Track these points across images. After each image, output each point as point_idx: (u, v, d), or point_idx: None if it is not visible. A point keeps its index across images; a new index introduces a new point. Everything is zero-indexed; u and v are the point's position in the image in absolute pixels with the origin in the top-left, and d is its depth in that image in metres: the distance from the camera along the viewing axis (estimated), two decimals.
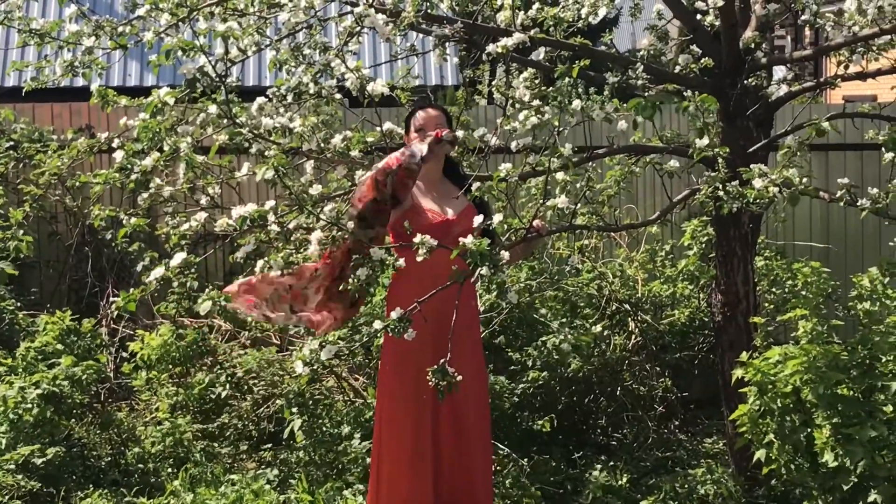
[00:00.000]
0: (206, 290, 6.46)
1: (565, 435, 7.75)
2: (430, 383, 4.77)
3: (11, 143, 8.98)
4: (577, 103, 5.81)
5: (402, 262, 5.00)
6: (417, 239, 4.88)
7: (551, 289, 8.19)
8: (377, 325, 4.90)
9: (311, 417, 7.32)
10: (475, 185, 5.47)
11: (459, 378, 4.80)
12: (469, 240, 4.77)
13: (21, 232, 6.08)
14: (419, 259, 4.90)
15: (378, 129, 6.23)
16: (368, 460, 6.60)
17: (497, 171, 5.27)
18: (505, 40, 5.57)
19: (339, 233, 5.43)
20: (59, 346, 7.40)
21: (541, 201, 5.57)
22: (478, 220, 4.99)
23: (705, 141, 5.63)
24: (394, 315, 4.79)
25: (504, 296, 5.19)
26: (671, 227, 9.50)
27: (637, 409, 8.03)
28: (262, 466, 7.41)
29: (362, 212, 5.64)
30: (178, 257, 5.48)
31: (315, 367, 4.88)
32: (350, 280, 5.01)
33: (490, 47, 5.62)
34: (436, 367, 4.73)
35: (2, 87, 15.29)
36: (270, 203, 5.53)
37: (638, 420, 7.99)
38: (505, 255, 4.83)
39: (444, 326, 5.27)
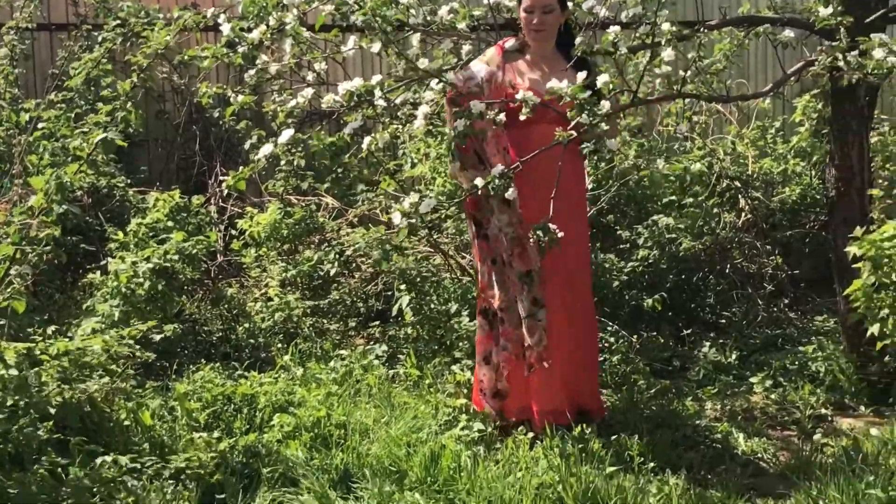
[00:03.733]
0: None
1: (674, 313, 7.72)
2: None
3: (118, 21, 9.00)
4: None
5: (502, 116, 4.96)
6: (520, 95, 4.84)
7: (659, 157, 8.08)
8: (479, 181, 4.89)
9: (419, 295, 7.34)
10: (577, 40, 5.39)
11: (561, 234, 4.81)
12: (563, 84, 4.75)
13: (129, 104, 6.09)
14: (522, 118, 4.88)
15: (486, 2, 6.12)
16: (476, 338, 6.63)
17: (605, 34, 5.16)
18: None
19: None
20: (170, 223, 7.48)
21: (645, 64, 5.46)
22: (581, 76, 4.89)
23: (829, 10, 5.46)
24: (495, 171, 4.81)
25: (602, 146, 5.08)
26: (782, 102, 9.33)
27: (746, 288, 7.94)
28: (371, 342, 7.48)
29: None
30: (286, 134, 5.47)
31: (413, 221, 4.89)
32: (449, 132, 5.01)
33: None
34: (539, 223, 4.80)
35: None
36: (377, 78, 5.49)
37: (747, 298, 7.91)
38: (605, 104, 4.76)
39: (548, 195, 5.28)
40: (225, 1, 6.28)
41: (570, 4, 5.86)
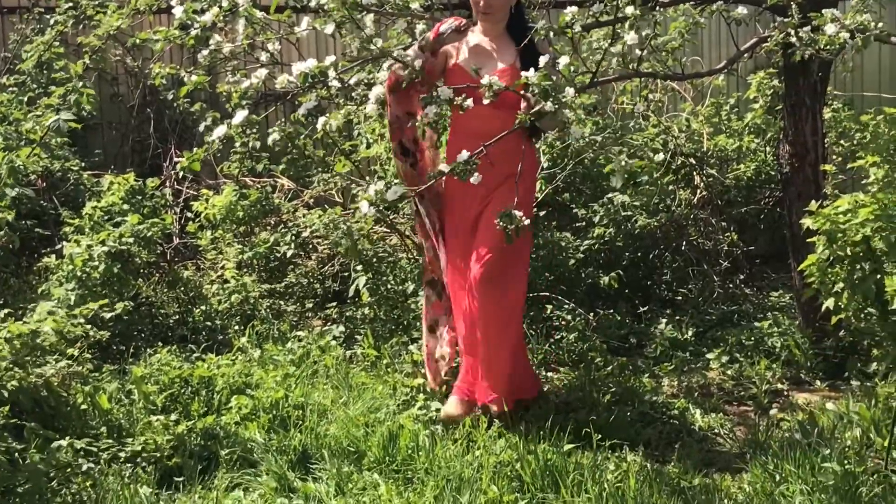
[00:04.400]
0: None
1: (631, 290, 7.75)
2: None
3: (71, 3, 8.92)
4: None
5: (469, 102, 4.87)
6: (485, 80, 4.81)
7: (616, 144, 8.09)
8: (443, 167, 4.88)
9: (376, 275, 7.33)
10: (540, 23, 5.35)
11: (527, 221, 4.80)
12: (531, 73, 4.72)
13: (81, 84, 6.03)
14: (485, 102, 4.85)
15: None
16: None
17: (562, 14, 5.14)
18: None
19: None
20: (125, 207, 7.43)
21: (604, 46, 5.46)
22: (543, 59, 4.85)
23: None
24: (461, 157, 4.76)
25: (567, 134, 5.05)
26: (737, 80, 9.37)
27: (702, 264, 7.99)
28: (328, 323, 7.47)
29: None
30: (240, 115, 5.42)
31: (380, 207, 4.84)
32: (419, 118, 4.98)
33: None
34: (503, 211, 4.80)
35: None
36: (331, 58, 5.46)
37: (703, 275, 7.95)
38: (570, 90, 4.74)
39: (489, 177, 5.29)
40: None
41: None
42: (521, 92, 5.00)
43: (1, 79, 8.33)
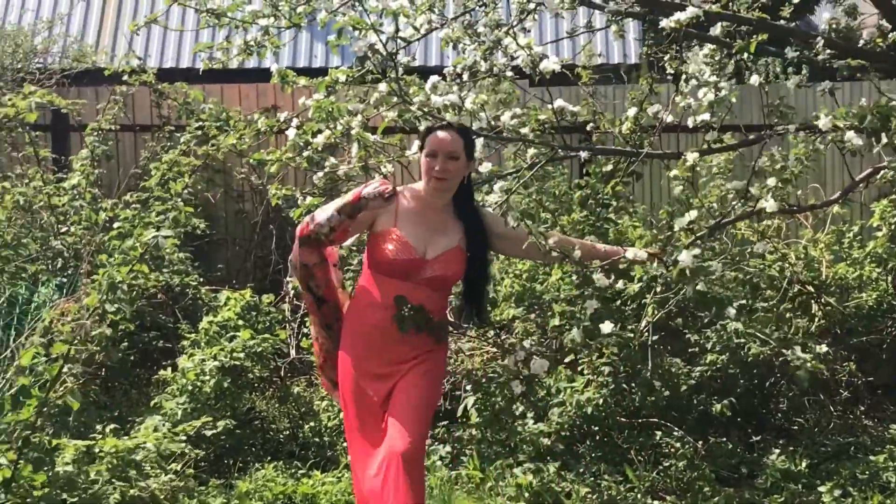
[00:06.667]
0: None
1: (744, 418, 7.61)
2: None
3: (200, 122, 9.22)
4: (754, 79, 5.70)
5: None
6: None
7: (731, 270, 8.02)
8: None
9: (485, 395, 7.32)
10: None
11: None
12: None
13: (181, 202, 6.18)
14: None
15: (549, 107, 6.16)
16: (543, 440, 6.64)
17: (683, 160, 5.13)
18: (678, 15, 5.50)
19: None
20: (240, 322, 7.57)
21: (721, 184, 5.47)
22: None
23: None
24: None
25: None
26: (860, 207, 9.26)
27: (819, 394, 7.82)
28: (435, 443, 7.45)
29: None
30: (352, 237, 5.54)
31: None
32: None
33: (663, 22, 5.55)
34: None
35: (193, 69, 15.67)
36: None
37: (820, 404, 7.79)
38: (718, 265, 4.77)
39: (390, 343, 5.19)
40: (299, 104, 6.42)
41: (476, 155, 5.58)
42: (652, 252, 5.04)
43: (125, 196, 8.59)
